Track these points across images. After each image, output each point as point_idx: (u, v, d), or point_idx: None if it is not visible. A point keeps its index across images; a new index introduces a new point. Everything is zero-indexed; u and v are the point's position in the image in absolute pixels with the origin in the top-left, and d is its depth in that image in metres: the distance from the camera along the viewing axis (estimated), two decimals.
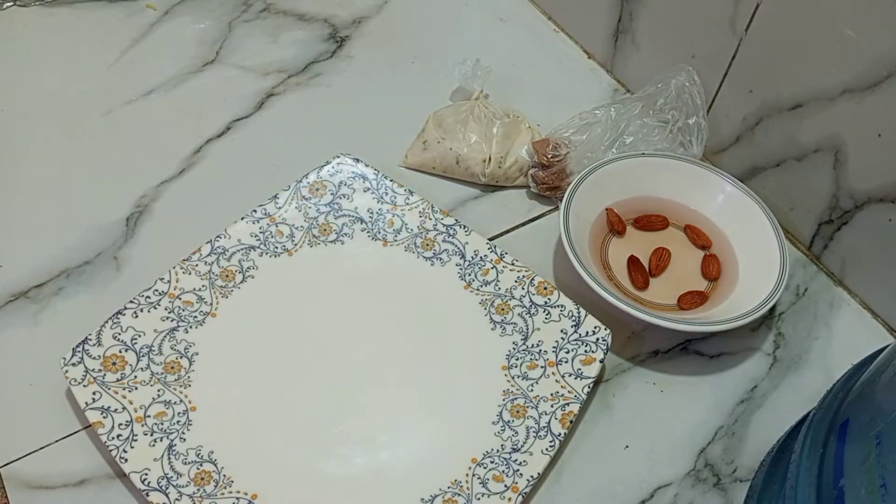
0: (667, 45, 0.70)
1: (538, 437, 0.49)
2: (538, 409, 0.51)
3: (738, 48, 0.62)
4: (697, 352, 0.57)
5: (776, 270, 0.56)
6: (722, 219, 0.62)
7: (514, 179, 0.66)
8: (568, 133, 0.65)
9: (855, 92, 0.54)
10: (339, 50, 0.78)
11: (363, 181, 0.62)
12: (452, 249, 0.59)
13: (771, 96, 0.60)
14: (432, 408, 0.52)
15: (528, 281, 0.56)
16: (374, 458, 0.49)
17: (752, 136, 0.64)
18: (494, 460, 0.49)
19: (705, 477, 0.50)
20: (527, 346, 0.54)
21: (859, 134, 0.55)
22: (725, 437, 0.52)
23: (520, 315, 0.55)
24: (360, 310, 0.56)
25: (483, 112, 0.67)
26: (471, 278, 0.58)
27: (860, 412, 0.37)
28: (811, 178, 0.60)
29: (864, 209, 0.57)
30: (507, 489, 0.47)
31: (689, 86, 0.64)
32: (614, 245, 0.61)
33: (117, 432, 0.47)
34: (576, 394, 0.51)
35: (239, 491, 0.46)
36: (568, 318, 0.54)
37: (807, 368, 0.56)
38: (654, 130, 0.65)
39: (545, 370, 0.52)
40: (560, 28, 0.83)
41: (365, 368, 0.53)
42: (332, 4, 0.83)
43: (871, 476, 0.32)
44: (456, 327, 0.55)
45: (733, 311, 0.54)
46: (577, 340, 0.53)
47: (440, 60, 0.76)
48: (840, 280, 0.62)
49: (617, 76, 0.78)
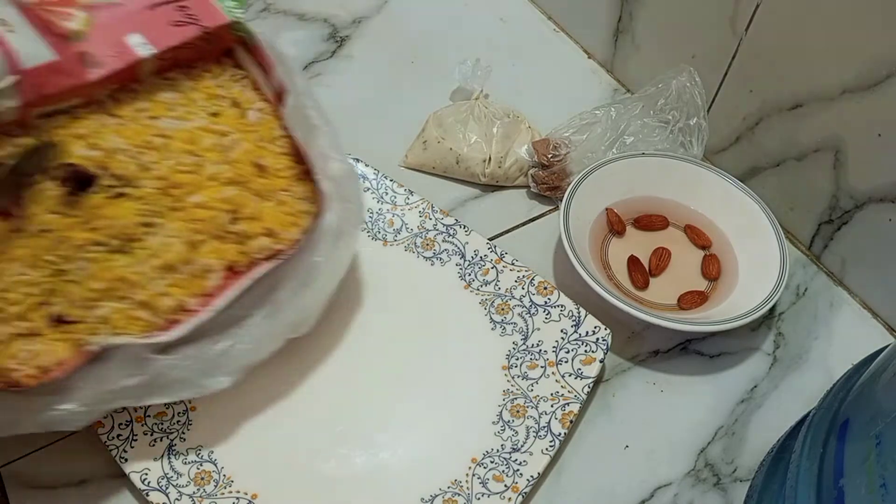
0: (667, 45, 0.70)
1: (538, 436, 0.49)
2: (538, 408, 0.51)
3: (738, 48, 0.62)
4: (697, 352, 0.57)
5: (776, 270, 0.56)
6: (722, 219, 0.62)
7: (514, 179, 0.66)
8: (568, 133, 0.65)
9: (855, 92, 0.54)
10: (339, 50, 0.78)
11: (363, 181, 0.62)
12: (452, 249, 0.59)
13: (771, 96, 0.60)
14: (432, 407, 0.52)
15: (528, 281, 0.56)
16: (373, 458, 0.49)
17: (752, 136, 0.64)
18: (494, 460, 0.49)
19: (705, 477, 0.50)
20: (527, 346, 0.54)
21: (859, 134, 0.55)
22: (725, 437, 0.52)
23: (520, 315, 0.55)
24: (360, 310, 0.56)
25: (483, 112, 0.67)
26: (471, 278, 0.58)
27: (860, 412, 0.37)
28: (811, 178, 0.60)
29: (864, 209, 0.57)
30: (507, 489, 0.47)
31: (691, 86, 0.64)
32: (614, 245, 0.61)
33: (117, 432, 0.47)
34: (576, 393, 0.51)
35: (239, 491, 0.47)
36: (568, 317, 0.54)
37: (807, 368, 0.56)
38: (654, 131, 0.65)
39: (545, 370, 0.52)
40: (560, 28, 0.83)
41: (365, 368, 0.53)
42: (332, 4, 0.83)
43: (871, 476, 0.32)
44: (456, 327, 0.55)
45: (733, 311, 0.54)
46: (577, 340, 0.53)
47: (440, 60, 0.76)
48: (840, 280, 0.62)
49: (617, 76, 0.78)
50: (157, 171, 0.43)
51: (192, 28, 0.44)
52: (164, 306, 0.41)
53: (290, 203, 0.45)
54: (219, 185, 0.43)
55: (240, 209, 0.44)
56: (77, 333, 0.40)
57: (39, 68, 0.40)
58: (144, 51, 0.42)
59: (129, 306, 0.41)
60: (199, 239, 0.43)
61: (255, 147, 0.45)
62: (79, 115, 0.44)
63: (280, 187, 0.45)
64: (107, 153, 0.42)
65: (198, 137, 0.44)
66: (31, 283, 0.40)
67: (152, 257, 0.42)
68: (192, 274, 0.43)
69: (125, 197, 0.43)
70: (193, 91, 0.46)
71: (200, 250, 0.43)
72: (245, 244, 0.43)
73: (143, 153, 0.43)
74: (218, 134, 0.44)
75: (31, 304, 0.40)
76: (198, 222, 0.43)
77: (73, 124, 0.43)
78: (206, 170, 0.43)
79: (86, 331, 0.40)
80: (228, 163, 0.44)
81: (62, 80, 0.41)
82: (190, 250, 0.43)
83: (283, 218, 0.44)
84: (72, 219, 0.42)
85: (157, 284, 0.42)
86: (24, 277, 0.40)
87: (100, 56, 0.42)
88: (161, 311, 0.42)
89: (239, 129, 0.45)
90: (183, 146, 0.44)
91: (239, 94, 0.47)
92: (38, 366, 0.38)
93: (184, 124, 0.44)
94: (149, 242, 0.42)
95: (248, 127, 0.45)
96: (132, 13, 0.43)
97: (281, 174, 0.45)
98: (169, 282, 0.42)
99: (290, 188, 0.45)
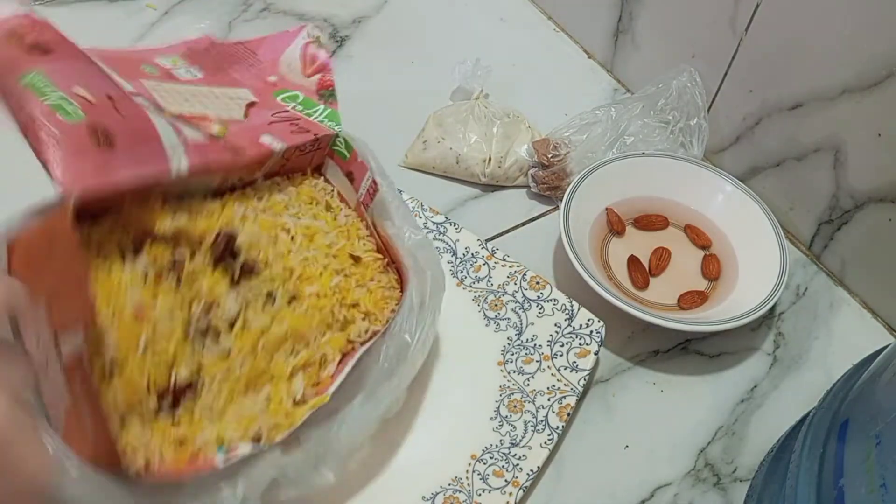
0: (667, 45, 0.70)
1: (536, 430, 0.49)
2: (535, 403, 0.51)
3: (738, 48, 0.62)
4: (697, 352, 0.57)
5: (776, 270, 0.56)
6: (722, 219, 0.62)
7: (514, 179, 0.66)
8: (568, 133, 0.65)
9: (855, 92, 0.54)
10: (339, 50, 0.78)
11: None
12: (443, 247, 0.59)
13: (771, 96, 0.60)
14: (430, 406, 0.51)
15: (520, 276, 0.56)
16: (373, 459, 0.49)
17: (752, 136, 0.64)
18: (494, 455, 0.49)
19: (705, 477, 0.50)
20: (521, 341, 0.54)
21: (859, 134, 0.55)
22: (725, 437, 0.52)
23: (513, 310, 0.55)
24: None
25: (483, 112, 0.67)
26: (463, 275, 0.58)
27: (860, 412, 0.37)
28: (811, 178, 0.60)
29: (864, 209, 0.57)
30: (508, 483, 0.47)
31: (691, 87, 0.64)
32: (614, 245, 0.61)
33: None
34: (572, 386, 0.51)
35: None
36: (561, 311, 0.54)
37: (807, 368, 0.56)
38: (654, 131, 0.65)
39: (540, 364, 0.53)
40: (560, 28, 0.83)
41: None
42: (332, 4, 0.83)
43: (871, 476, 0.32)
44: (450, 325, 0.55)
45: (733, 310, 0.54)
46: (570, 334, 0.53)
47: (440, 60, 0.76)
48: (840, 280, 0.62)
49: (617, 76, 0.78)
50: (287, 262, 0.45)
51: (308, 135, 0.49)
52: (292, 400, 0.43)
53: (381, 289, 0.48)
54: (330, 274, 0.46)
55: (345, 297, 0.46)
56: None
57: (199, 144, 0.43)
58: (277, 146, 0.47)
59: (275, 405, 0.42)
60: (318, 329, 0.45)
61: (349, 242, 0.49)
62: (228, 202, 0.47)
63: (370, 277, 0.48)
64: (251, 239, 0.45)
65: (314, 232, 0.48)
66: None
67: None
68: (315, 364, 0.44)
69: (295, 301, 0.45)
70: (298, 195, 0.51)
71: (320, 341, 0.45)
72: (347, 329, 0.46)
73: (274, 244, 0.46)
74: (324, 232, 0.48)
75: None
76: (315, 311, 0.45)
77: (226, 209, 0.46)
78: (320, 262, 0.46)
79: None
80: (334, 255, 0.47)
81: (218, 154, 0.44)
82: (314, 340, 0.45)
83: (378, 302, 0.47)
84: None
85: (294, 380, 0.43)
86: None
87: (241, 146, 0.46)
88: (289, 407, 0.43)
89: (334, 228, 0.50)
90: (305, 241, 0.47)
91: (331, 199, 0.52)
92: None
93: (300, 221, 0.48)
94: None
95: (340, 227, 0.50)
96: (259, 125, 0.48)
97: (371, 265, 0.49)
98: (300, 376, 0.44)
99: (379, 277, 0.49)
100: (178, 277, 0.41)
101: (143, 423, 0.39)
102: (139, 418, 0.39)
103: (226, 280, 0.43)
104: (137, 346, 0.39)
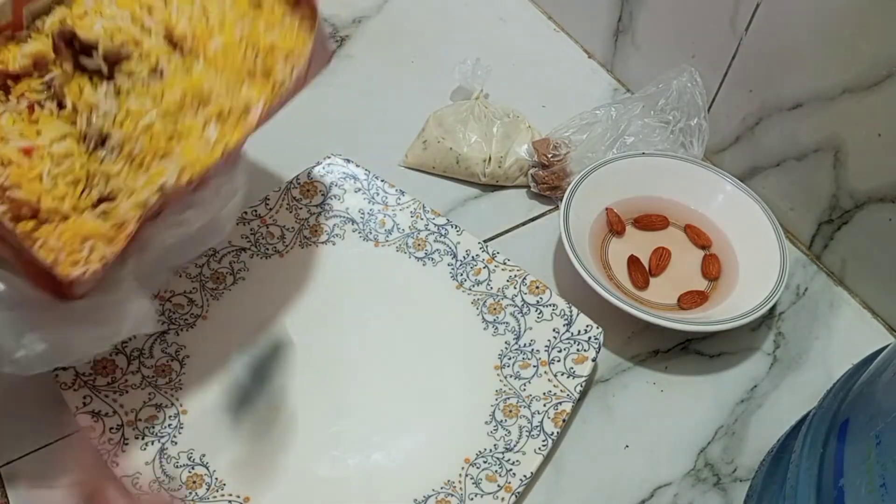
0: (667, 45, 0.70)
1: (531, 436, 0.49)
2: (531, 408, 0.51)
3: (738, 48, 0.62)
4: (697, 352, 0.57)
5: (776, 270, 0.56)
6: (722, 219, 0.62)
7: (514, 179, 0.66)
8: (568, 133, 0.65)
9: (855, 92, 0.54)
10: (339, 50, 0.78)
11: (354, 181, 0.61)
12: (444, 249, 0.59)
13: (771, 96, 0.60)
14: (425, 408, 0.51)
15: (519, 280, 0.56)
16: (366, 460, 0.49)
17: (752, 136, 0.64)
18: (487, 460, 0.48)
19: (705, 477, 0.50)
20: (519, 346, 0.54)
21: (859, 134, 0.55)
22: (725, 437, 0.52)
23: (512, 314, 0.55)
24: (352, 311, 0.56)
25: (483, 112, 0.67)
26: (463, 278, 0.57)
27: (860, 412, 0.37)
28: (811, 178, 0.60)
29: (864, 209, 0.57)
30: (501, 489, 0.47)
31: (691, 87, 0.64)
32: (614, 245, 0.61)
33: (108, 436, 0.47)
34: (568, 392, 0.51)
35: (231, 494, 0.46)
36: (560, 316, 0.54)
37: (807, 368, 0.56)
38: (654, 131, 0.65)
39: (537, 369, 0.52)
40: (560, 28, 0.83)
41: (357, 370, 0.53)
42: (332, 4, 0.83)
43: (871, 476, 0.32)
44: (448, 327, 0.55)
45: (733, 310, 0.54)
46: (569, 339, 0.53)
47: (440, 60, 0.76)
48: (840, 280, 0.62)
49: (617, 76, 0.78)
50: (171, 27, 0.43)
51: None
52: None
53: (295, 27, 0.45)
54: (231, 25, 0.44)
55: (257, 43, 0.44)
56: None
57: None
58: None
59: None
60: (234, 81, 0.43)
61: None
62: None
63: (281, 16, 0.45)
64: (113, 24, 0.42)
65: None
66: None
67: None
68: (236, 112, 0.43)
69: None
70: None
71: (238, 92, 0.43)
72: (272, 76, 0.44)
73: (146, 16, 0.43)
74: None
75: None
76: (220, 65, 0.43)
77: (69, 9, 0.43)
78: (213, 14, 0.44)
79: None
80: (229, 5, 0.45)
81: None
82: (232, 93, 0.43)
83: (295, 40, 0.45)
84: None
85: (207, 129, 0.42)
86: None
87: None
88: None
89: None
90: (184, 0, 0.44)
91: None
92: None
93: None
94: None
95: None
96: None
97: (277, 5, 0.46)
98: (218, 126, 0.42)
99: (291, 13, 0.46)
100: (59, 101, 0.40)
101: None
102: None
103: (93, 81, 0.41)
104: (41, 179, 0.38)
